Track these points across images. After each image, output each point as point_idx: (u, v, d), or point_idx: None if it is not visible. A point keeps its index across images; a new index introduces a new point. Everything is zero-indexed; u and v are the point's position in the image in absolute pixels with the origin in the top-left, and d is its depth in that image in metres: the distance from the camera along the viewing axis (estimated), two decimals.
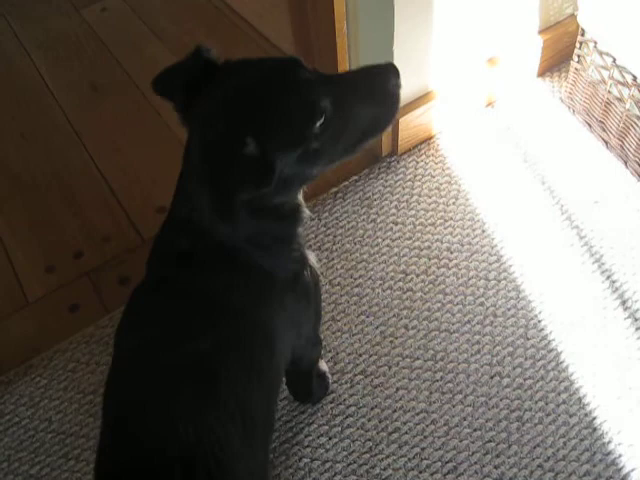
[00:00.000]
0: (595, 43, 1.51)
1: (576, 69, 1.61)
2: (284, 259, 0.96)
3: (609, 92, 1.53)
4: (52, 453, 1.29)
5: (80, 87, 2.02)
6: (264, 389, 0.96)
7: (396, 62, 1.42)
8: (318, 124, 0.84)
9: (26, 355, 1.44)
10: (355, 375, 1.32)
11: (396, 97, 0.92)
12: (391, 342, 1.36)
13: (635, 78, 1.44)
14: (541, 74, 1.77)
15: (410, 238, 1.50)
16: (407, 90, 1.56)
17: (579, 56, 1.59)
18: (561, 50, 1.74)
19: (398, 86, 0.92)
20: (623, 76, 1.48)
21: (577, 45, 1.58)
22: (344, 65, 1.60)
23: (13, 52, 2.19)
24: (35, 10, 2.33)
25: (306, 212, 0.97)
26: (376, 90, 0.91)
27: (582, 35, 1.55)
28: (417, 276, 1.44)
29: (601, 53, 1.51)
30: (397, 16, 1.39)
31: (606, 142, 1.60)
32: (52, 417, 1.34)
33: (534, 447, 1.22)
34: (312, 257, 1.04)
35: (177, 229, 0.94)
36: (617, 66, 1.48)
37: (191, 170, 0.88)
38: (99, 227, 1.65)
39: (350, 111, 0.88)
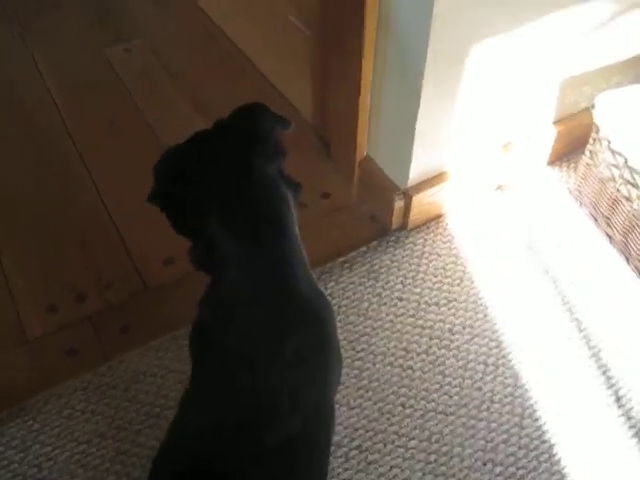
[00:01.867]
0: (608, 141, 1.56)
1: (587, 164, 1.65)
2: (332, 307, 1.04)
3: (618, 190, 1.57)
4: None
5: (97, 126, 2.03)
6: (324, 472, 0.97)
7: (416, 140, 1.49)
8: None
9: (20, 395, 1.42)
10: (350, 450, 1.33)
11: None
12: (388, 419, 1.37)
13: None
14: (551, 163, 1.82)
15: (413, 316, 1.52)
16: (423, 168, 1.60)
17: (591, 152, 1.63)
18: (573, 141, 1.79)
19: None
20: (633, 177, 1.52)
21: (590, 141, 1.62)
22: (363, 136, 1.64)
23: (33, 83, 2.20)
24: (60, 45, 2.35)
25: None
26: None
27: (596, 132, 1.60)
28: (418, 355, 1.46)
29: (613, 152, 1.55)
30: (424, 95, 1.42)
31: (610, 237, 1.64)
32: (42, 464, 1.32)
33: None
34: None
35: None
36: (628, 167, 1.52)
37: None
38: (104, 271, 1.64)
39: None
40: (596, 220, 1.67)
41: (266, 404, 0.88)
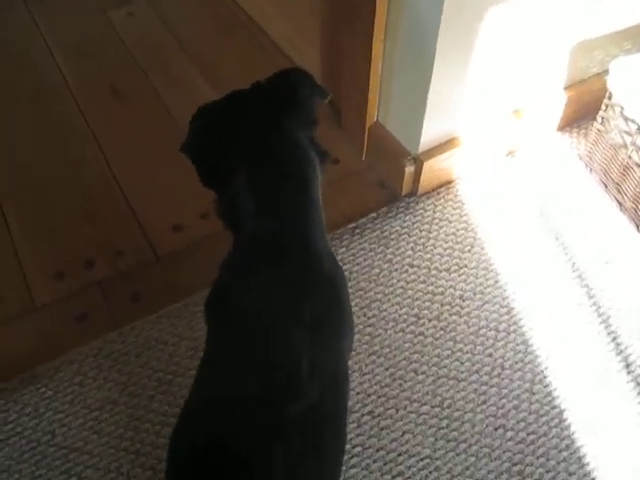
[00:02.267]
0: (622, 108, 1.54)
1: (599, 130, 1.64)
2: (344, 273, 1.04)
3: (629, 157, 1.56)
4: (54, 467, 1.28)
5: (101, 90, 2.01)
6: (343, 447, 0.98)
7: (428, 107, 1.47)
8: None
9: (31, 362, 1.42)
10: (363, 415, 1.34)
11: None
12: (400, 385, 1.37)
13: None
14: (561, 128, 1.80)
15: (424, 282, 1.52)
16: (435, 134, 1.58)
17: (603, 118, 1.62)
18: (583, 107, 1.77)
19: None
20: None
21: (603, 107, 1.61)
22: (374, 102, 1.62)
23: (36, 48, 2.17)
24: (62, 8, 2.32)
25: None
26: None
27: (609, 99, 1.58)
28: (429, 321, 1.46)
29: (626, 119, 1.54)
30: (437, 62, 1.41)
31: (620, 204, 1.63)
32: (56, 430, 1.33)
33: None
34: None
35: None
36: None
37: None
38: (113, 239, 1.64)
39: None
40: (606, 186, 1.67)
41: (286, 373, 0.87)
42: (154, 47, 2.15)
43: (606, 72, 1.57)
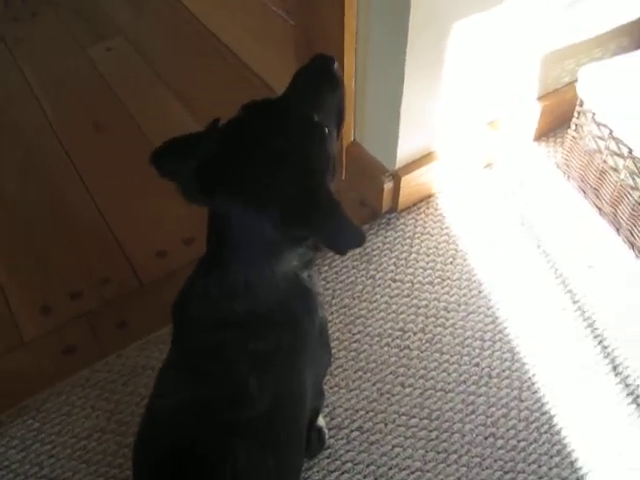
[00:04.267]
0: (593, 114, 1.56)
1: (573, 137, 1.66)
2: (315, 309, 1.01)
3: (604, 162, 1.58)
4: None
5: (83, 125, 2.04)
6: (300, 448, 1.03)
7: (402, 123, 1.49)
8: (326, 134, 0.93)
9: (19, 396, 1.42)
10: (352, 431, 1.33)
11: (341, 79, 1.02)
12: (388, 399, 1.37)
13: (631, 150, 1.49)
14: (538, 138, 1.82)
15: (408, 296, 1.52)
16: (411, 150, 1.60)
17: (576, 125, 1.64)
18: (558, 116, 1.79)
19: (337, 69, 1.01)
20: (619, 147, 1.52)
21: (575, 114, 1.63)
22: (349, 122, 1.64)
23: (17, 86, 2.21)
24: (42, 46, 2.37)
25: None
26: (330, 82, 0.99)
27: (580, 105, 1.60)
28: (414, 334, 1.46)
29: (598, 124, 1.56)
30: (407, 78, 1.43)
31: (599, 209, 1.65)
32: (44, 462, 1.32)
33: None
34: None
35: (221, 296, 0.95)
36: (614, 138, 1.53)
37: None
38: (97, 268, 1.65)
39: (328, 110, 0.97)
40: (585, 192, 1.68)
41: (234, 386, 0.93)
42: (133, 79, 2.18)
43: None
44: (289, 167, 0.88)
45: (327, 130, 0.92)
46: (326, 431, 1.32)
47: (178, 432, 0.90)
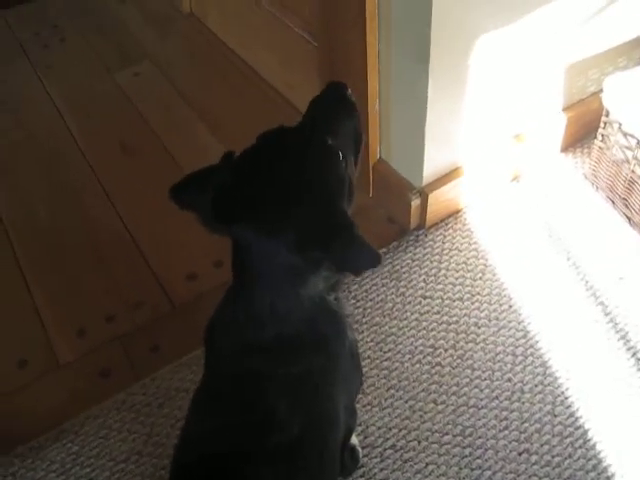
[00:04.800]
0: (619, 124, 1.56)
1: (600, 148, 1.65)
2: (344, 331, 1.02)
3: (632, 171, 1.57)
4: None
5: (110, 148, 2.08)
6: (333, 470, 1.05)
7: (427, 140, 1.50)
8: (341, 159, 0.93)
9: (57, 420, 1.44)
10: (385, 449, 1.34)
11: (354, 104, 1.03)
12: (420, 417, 1.37)
13: None
14: (564, 150, 1.82)
15: (438, 312, 1.53)
16: (437, 166, 1.61)
17: (603, 135, 1.63)
18: (584, 126, 1.79)
19: (351, 94, 1.02)
20: None
21: (601, 125, 1.62)
22: (375, 140, 1.65)
23: (46, 111, 2.25)
24: (70, 72, 2.42)
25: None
26: (344, 108, 1.01)
27: (606, 116, 1.60)
28: (445, 351, 1.46)
29: (625, 134, 1.55)
30: (430, 96, 1.44)
31: (629, 219, 1.64)
32: None
33: None
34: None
35: (248, 324, 0.96)
36: None
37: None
38: (129, 292, 1.67)
39: (343, 135, 0.98)
40: (614, 203, 1.67)
41: (264, 412, 0.95)
42: (159, 102, 2.22)
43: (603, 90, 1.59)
44: (302, 192, 0.89)
45: (341, 154, 0.93)
46: (359, 450, 1.33)
47: (209, 459, 0.92)
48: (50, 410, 1.47)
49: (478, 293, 1.55)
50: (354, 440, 1.32)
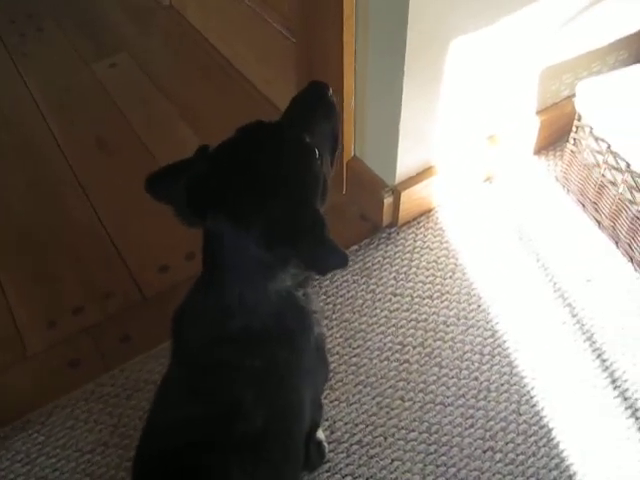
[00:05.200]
0: (591, 128, 1.58)
1: (572, 151, 1.67)
2: (311, 326, 1.03)
3: (603, 176, 1.59)
4: None
5: (87, 141, 2.07)
6: (297, 461, 1.05)
7: (401, 139, 1.51)
8: (317, 157, 0.94)
9: (23, 410, 1.44)
10: (351, 445, 1.35)
11: (334, 105, 1.04)
12: (387, 413, 1.38)
13: (629, 165, 1.50)
14: (537, 152, 1.84)
15: (408, 310, 1.54)
16: (410, 165, 1.62)
17: (575, 139, 1.65)
18: (557, 130, 1.81)
19: (332, 95, 1.03)
20: (617, 162, 1.54)
21: (573, 129, 1.64)
22: (350, 137, 1.66)
23: (22, 102, 2.24)
24: (47, 61, 2.40)
25: None
26: (324, 108, 1.02)
27: (578, 120, 1.62)
28: (414, 348, 1.48)
29: (596, 138, 1.57)
30: (405, 95, 1.45)
31: (599, 222, 1.66)
32: (48, 475, 1.34)
33: None
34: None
35: (217, 315, 0.97)
36: (611, 152, 1.54)
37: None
38: (101, 283, 1.67)
39: (320, 134, 0.99)
40: (584, 206, 1.69)
41: (231, 403, 0.95)
42: (137, 96, 2.21)
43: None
44: (277, 186, 0.90)
45: (318, 153, 0.94)
46: (326, 445, 1.34)
47: (174, 447, 0.92)
48: (17, 400, 1.47)
49: (448, 292, 1.57)
50: (321, 435, 1.34)
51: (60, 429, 1.40)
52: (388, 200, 1.64)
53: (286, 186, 0.91)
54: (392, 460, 1.33)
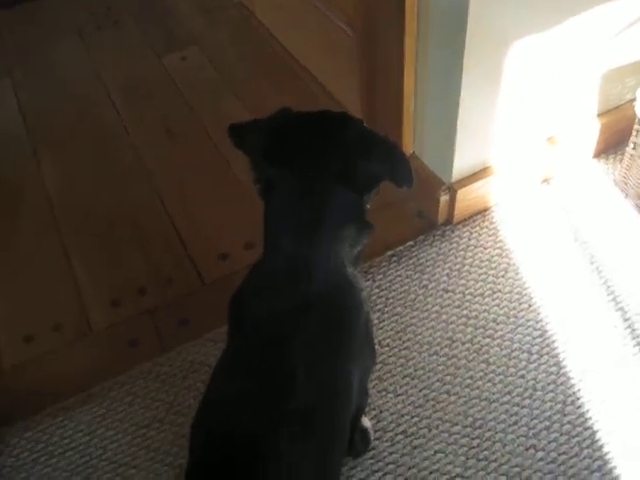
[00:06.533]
0: None
1: (631, 155, 1.66)
2: (362, 302, 1.08)
3: None
4: None
5: (155, 131, 2.15)
6: (343, 442, 1.08)
7: (458, 138, 1.53)
8: None
9: (86, 384, 1.52)
10: (396, 434, 1.38)
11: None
12: (433, 406, 1.41)
13: None
14: (597, 155, 1.83)
15: (459, 306, 1.56)
16: (467, 164, 1.64)
17: (635, 143, 1.64)
18: (618, 133, 1.80)
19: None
20: None
21: (634, 133, 1.64)
22: (409, 135, 1.69)
23: (96, 91, 2.34)
24: (121, 53, 2.50)
25: None
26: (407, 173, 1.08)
27: (639, 124, 1.61)
28: (462, 344, 1.50)
29: None
30: (463, 96, 1.47)
31: None
32: (107, 446, 1.42)
33: None
34: None
35: (283, 276, 1.03)
36: None
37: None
38: (163, 267, 1.74)
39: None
40: None
41: (284, 377, 0.98)
42: (205, 89, 2.28)
43: None
44: (347, 133, 1.03)
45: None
46: (372, 432, 1.37)
47: (229, 418, 0.98)
48: (81, 374, 1.55)
49: (499, 290, 1.59)
50: (367, 423, 1.37)
51: (119, 404, 1.48)
52: (444, 198, 1.66)
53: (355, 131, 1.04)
54: (435, 452, 1.36)
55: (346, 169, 0.99)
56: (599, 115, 1.77)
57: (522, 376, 1.45)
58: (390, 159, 1.03)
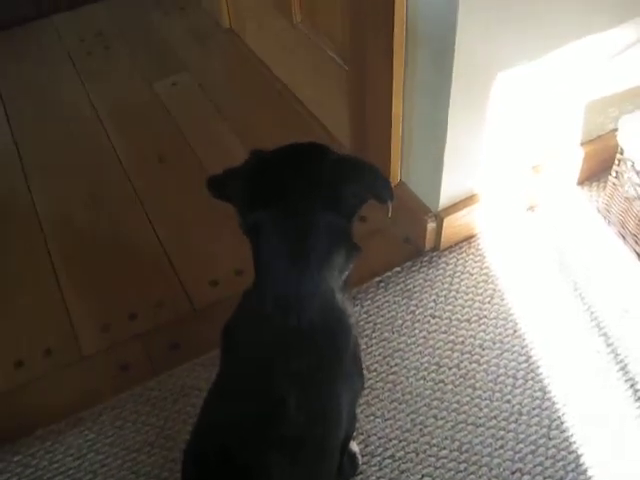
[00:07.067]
0: (633, 163, 1.61)
1: (614, 184, 1.70)
2: (350, 327, 1.09)
3: None
4: None
5: (146, 156, 2.17)
6: (331, 467, 1.11)
7: (445, 166, 1.57)
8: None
9: (76, 407, 1.53)
10: (384, 459, 1.40)
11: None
12: (420, 430, 1.43)
13: None
14: (580, 183, 1.87)
15: (445, 332, 1.59)
16: (454, 192, 1.68)
17: (617, 172, 1.68)
18: (601, 162, 1.84)
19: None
20: None
21: (616, 162, 1.68)
22: (396, 163, 1.72)
23: (87, 117, 2.35)
24: (111, 79, 2.52)
25: None
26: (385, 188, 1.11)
27: (621, 153, 1.65)
28: (449, 369, 1.52)
29: (638, 172, 1.61)
30: (450, 124, 1.51)
31: (638, 254, 1.68)
32: (97, 470, 1.42)
33: None
34: None
35: (266, 313, 1.04)
36: None
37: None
38: (154, 293, 1.76)
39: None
40: (624, 238, 1.72)
41: (274, 404, 1.00)
42: (196, 114, 2.30)
43: None
44: (323, 163, 1.05)
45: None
46: (360, 457, 1.39)
47: (221, 444, 1.00)
48: (71, 398, 1.56)
49: (485, 316, 1.61)
50: (355, 447, 1.39)
51: (109, 428, 1.49)
52: (431, 225, 1.70)
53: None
54: (422, 476, 1.37)
55: (331, 197, 1.01)
56: (583, 144, 1.81)
57: (508, 401, 1.47)
58: (368, 177, 1.06)
